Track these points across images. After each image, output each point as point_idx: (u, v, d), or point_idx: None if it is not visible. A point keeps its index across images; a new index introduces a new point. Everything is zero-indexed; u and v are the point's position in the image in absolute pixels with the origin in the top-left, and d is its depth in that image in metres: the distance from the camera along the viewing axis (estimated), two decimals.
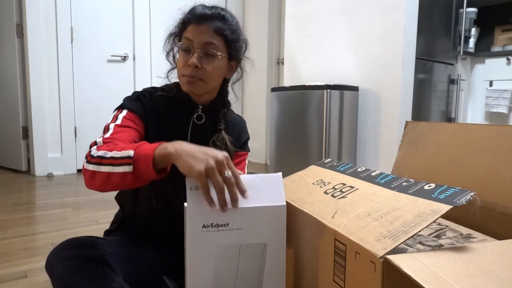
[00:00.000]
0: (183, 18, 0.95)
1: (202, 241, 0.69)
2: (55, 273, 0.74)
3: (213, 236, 0.69)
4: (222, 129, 1.02)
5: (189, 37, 0.91)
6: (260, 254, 0.72)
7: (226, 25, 0.93)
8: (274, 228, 0.72)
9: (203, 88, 0.94)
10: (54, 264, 0.76)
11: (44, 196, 2.26)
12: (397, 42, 2.04)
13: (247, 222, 0.70)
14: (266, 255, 0.73)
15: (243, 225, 0.70)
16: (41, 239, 1.53)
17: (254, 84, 3.72)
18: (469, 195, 0.58)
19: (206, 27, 0.90)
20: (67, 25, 2.90)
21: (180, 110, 0.98)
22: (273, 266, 0.74)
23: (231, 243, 0.70)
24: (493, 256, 0.53)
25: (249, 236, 0.71)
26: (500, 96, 2.72)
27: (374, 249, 0.55)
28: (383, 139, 2.15)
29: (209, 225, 0.69)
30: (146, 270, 0.90)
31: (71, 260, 0.75)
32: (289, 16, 2.72)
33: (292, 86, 2.29)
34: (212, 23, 0.91)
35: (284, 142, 2.35)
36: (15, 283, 1.15)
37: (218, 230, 0.69)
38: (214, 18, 0.92)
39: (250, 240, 0.71)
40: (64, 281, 0.72)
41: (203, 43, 0.90)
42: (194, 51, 0.90)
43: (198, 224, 0.68)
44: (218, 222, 0.69)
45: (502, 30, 3.21)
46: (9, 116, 3.02)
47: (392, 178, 0.75)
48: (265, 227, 0.71)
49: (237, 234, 0.70)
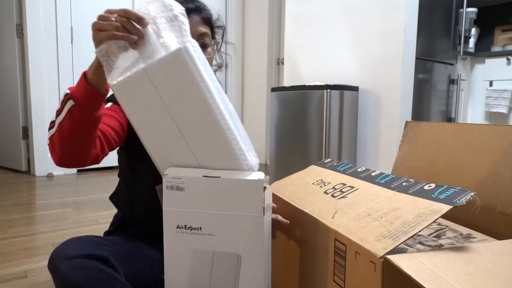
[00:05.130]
0: None
1: (176, 242, 0.69)
2: (58, 272, 0.74)
3: (187, 239, 0.68)
4: None
5: None
6: (234, 265, 0.68)
7: (209, 15, 0.97)
8: (249, 240, 0.67)
9: None
10: (57, 263, 0.75)
11: (44, 196, 2.26)
12: (397, 42, 2.04)
13: (221, 229, 0.67)
14: (241, 268, 0.68)
15: (216, 231, 0.67)
16: (41, 239, 1.53)
17: (254, 84, 3.72)
18: (469, 195, 0.58)
19: (196, 18, 0.93)
20: (67, 25, 2.90)
21: None
22: (250, 281, 0.68)
23: (204, 248, 0.68)
24: (493, 256, 0.53)
25: (222, 244, 0.68)
26: (500, 96, 2.72)
27: (374, 249, 0.55)
28: (383, 139, 2.15)
29: (183, 227, 0.68)
30: (147, 270, 0.90)
31: (74, 259, 0.75)
32: (289, 16, 2.72)
33: (292, 86, 2.29)
34: (200, 13, 0.94)
35: (284, 142, 2.35)
36: (15, 283, 1.15)
37: (191, 233, 0.68)
38: (200, 9, 0.94)
39: (223, 248, 0.68)
40: (67, 280, 0.72)
41: (198, 35, 0.91)
42: None
43: (173, 223, 0.68)
44: (191, 225, 0.68)
45: (502, 30, 3.21)
46: (9, 116, 3.02)
47: (392, 178, 0.75)
48: (239, 236, 0.67)
49: (210, 240, 0.68)
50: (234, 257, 0.68)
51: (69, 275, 0.72)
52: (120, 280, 0.76)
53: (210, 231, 0.67)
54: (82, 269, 0.73)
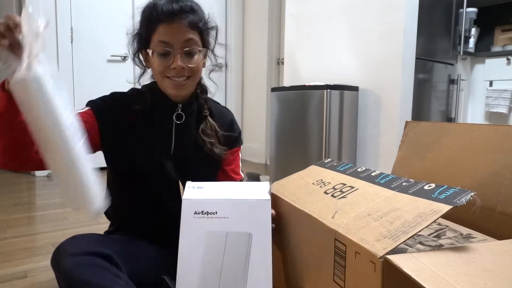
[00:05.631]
0: (149, 16, 0.88)
1: (193, 227, 0.77)
2: (62, 268, 0.74)
3: (203, 222, 0.77)
4: (208, 115, 0.99)
5: (165, 40, 0.86)
6: (245, 243, 0.77)
7: (197, 17, 0.88)
8: (259, 220, 0.78)
9: (191, 86, 0.93)
10: (60, 259, 0.75)
11: (44, 196, 2.26)
12: (397, 42, 2.04)
13: (234, 212, 0.78)
14: (252, 246, 0.77)
15: (230, 214, 0.78)
16: (41, 239, 1.53)
17: (254, 84, 3.72)
18: (469, 195, 0.58)
19: (179, 24, 0.85)
20: (67, 25, 2.90)
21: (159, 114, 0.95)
22: (259, 259, 0.77)
23: (219, 229, 0.77)
24: (493, 256, 0.53)
25: (235, 224, 0.78)
26: (500, 96, 2.72)
27: (374, 249, 0.55)
28: (383, 139, 2.15)
29: (200, 212, 0.78)
30: (147, 269, 0.90)
31: (79, 255, 0.75)
32: (289, 16, 2.72)
33: (292, 86, 2.29)
34: (184, 17, 0.85)
35: (284, 142, 2.35)
36: (15, 283, 1.15)
37: (207, 217, 0.78)
38: (185, 12, 0.86)
39: (236, 228, 0.77)
40: (71, 276, 0.72)
41: (182, 42, 0.86)
42: (175, 53, 0.86)
43: (191, 210, 0.78)
44: (208, 210, 0.78)
45: (502, 30, 3.21)
46: None
47: (392, 178, 0.75)
48: (250, 217, 0.78)
49: (224, 222, 0.78)
50: (245, 236, 0.77)
51: (73, 271, 0.72)
52: (123, 278, 0.77)
53: (224, 214, 0.78)
54: (87, 266, 0.73)
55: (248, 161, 3.71)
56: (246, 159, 3.77)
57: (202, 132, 0.97)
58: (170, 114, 0.95)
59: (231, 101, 3.82)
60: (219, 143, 0.99)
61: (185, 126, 0.96)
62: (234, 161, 1.08)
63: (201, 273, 0.76)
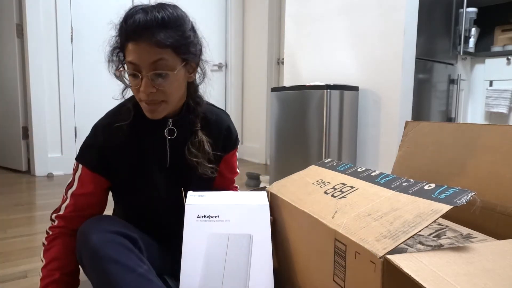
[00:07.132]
0: (120, 30, 0.80)
1: (196, 230, 0.80)
2: (89, 245, 0.74)
3: (206, 225, 0.80)
4: (198, 130, 0.93)
5: (132, 61, 0.76)
6: (246, 244, 0.80)
7: (169, 32, 0.76)
8: (259, 223, 0.82)
9: (168, 109, 0.84)
10: (88, 235, 0.75)
11: (44, 196, 2.26)
12: (397, 42, 2.04)
13: (235, 216, 0.82)
14: (252, 248, 0.80)
15: (231, 218, 0.82)
16: (41, 239, 1.52)
17: (254, 84, 3.72)
18: (469, 195, 0.58)
19: (146, 43, 0.74)
20: (67, 25, 2.90)
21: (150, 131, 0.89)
22: (260, 259, 0.79)
23: (221, 232, 0.80)
24: (493, 256, 0.53)
25: (237, 227, 0.81)
26: (500, 96, 2.72)
27: (374, 249, 0.55)
28: (383, 139, 2.15)
29: (203, 216, 0.81)
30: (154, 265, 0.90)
31: (108, 233, 0.76)
32: (289, 16, 2.72)
33: (292, 86, 2.29)
34: (151, 36, 0.74)
35: (284, 142, 2.35)
36: (15, 283, 1.15)
37: (209, 221, 0.81)
38: (152, 28, 0.74)
39: (237, 230, 0.81)
40: (98, 251, 0.73)
41: (149, 64, 0.76)
42: (142, 76, 0.77)
43: (194, 215, 0.81)
44: (210, 214, 0.81)
45: (502, 30, 3.22)
46: (9, 116, 3.02)
47: (392, 178, 0.75)
48: (250, 221, 0.82)
49: (226, 224, 0.81)
50: (246, 237, 0.80)
51: (101, 247, 0.73)
52: (146, 263, 0.78)
53: (226, 218, 0.82)
54: (115, 244, 0.75)
55: (248, 161, 3.71)
56: (246, 159, 3.77)
57: (187, 150, 0.92)
58: (161, 131, 0.90)
59: (231, 101, 3.82)
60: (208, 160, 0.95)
61: (178, 141, 0.92)
62: (231, 162, 1.08)
63: (204, 273, 0.77)
